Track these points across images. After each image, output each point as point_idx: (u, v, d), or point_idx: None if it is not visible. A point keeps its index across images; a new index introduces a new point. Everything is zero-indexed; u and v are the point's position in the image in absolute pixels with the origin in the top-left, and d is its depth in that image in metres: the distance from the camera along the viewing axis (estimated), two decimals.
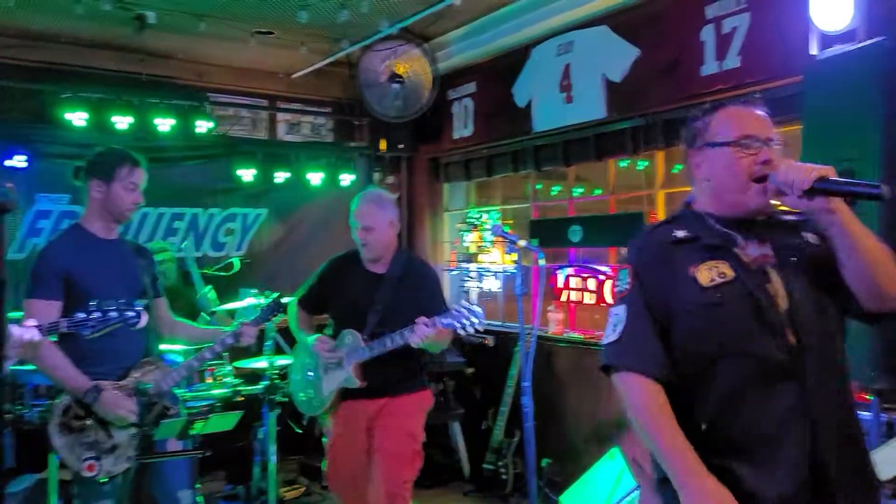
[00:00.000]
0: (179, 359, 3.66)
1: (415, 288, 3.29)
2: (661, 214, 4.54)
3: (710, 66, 3.88)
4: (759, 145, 1.73)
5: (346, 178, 6.14)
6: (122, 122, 5.07)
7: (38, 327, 2.21)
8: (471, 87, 5.81)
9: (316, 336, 3.40)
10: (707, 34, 3.88)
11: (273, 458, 4.05)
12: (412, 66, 5.58)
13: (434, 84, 5.64)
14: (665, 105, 4.20)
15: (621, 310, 1.77)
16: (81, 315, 2.32)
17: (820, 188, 1.62)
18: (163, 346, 3.26)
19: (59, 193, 5.04)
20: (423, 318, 3.05)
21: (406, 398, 3.31)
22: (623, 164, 4.91)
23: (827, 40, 2.84)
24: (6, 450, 3.88)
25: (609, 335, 1.78)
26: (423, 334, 3.03)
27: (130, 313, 2.40)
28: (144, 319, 2.45)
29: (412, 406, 3.33)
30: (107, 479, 2.78)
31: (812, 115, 2.71)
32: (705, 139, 1.79)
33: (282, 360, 4.23)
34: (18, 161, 4.79)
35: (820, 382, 1.68)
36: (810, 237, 1.79)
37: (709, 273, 1.71)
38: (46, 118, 5.02)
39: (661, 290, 1.74)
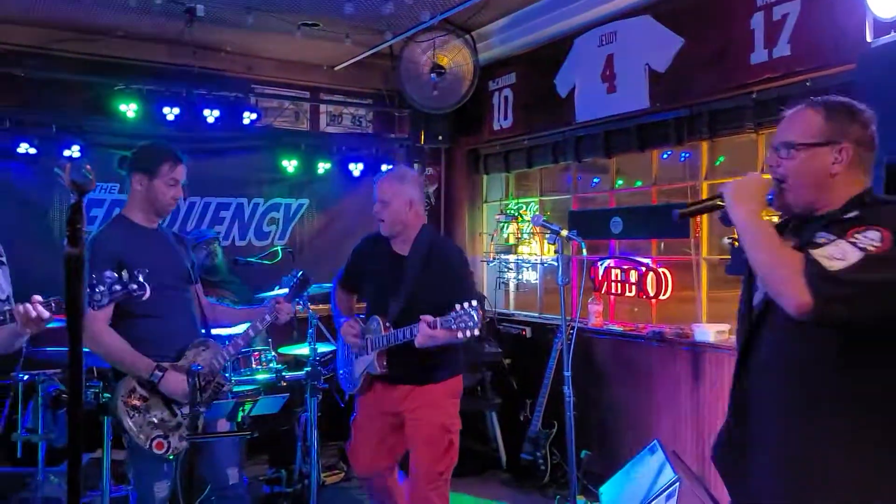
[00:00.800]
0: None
1: (439, 272, 3.18)
2: None
3: (759, 55, 3.83)
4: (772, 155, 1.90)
5: (387, 169, 6.19)
6: (170, 113, 5.19)
7: (46, 304, 2.24)
8: (511, 78, 5.81)
9: (345, 320, 3.43)
10: (757, 21, 3.83)
11: (315, 443, 4.12)
12: (453, 57, 5.60)
13: (474, 75, 5.66)
14: (711, 95, 4.16)
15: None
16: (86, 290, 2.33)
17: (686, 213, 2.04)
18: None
19: (111, 182, 5.19)
20: (427, 318, 2.93)
21: (433, 388, 3.23)
22: (665, 155, 4.88)
23: (882, 27, 2.79)
24: (62, 429, 4.03)
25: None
26: (426, 334, 2.93)
27: (133, 285, 2.42)
28: (148, 292, 2.47)
29: (440, 395, 3.23)
30: (173, 456, 2.88)
31: (865, 104, 2.66)
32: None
33: (323, 348, 4.30)
34: (73, 151, 4.94)
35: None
36: (821, 235, 1.77)
37: None
38: (100, 109, 5.16)
39: None
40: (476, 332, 2.89)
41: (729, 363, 4.07)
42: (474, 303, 2.88)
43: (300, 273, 3.37)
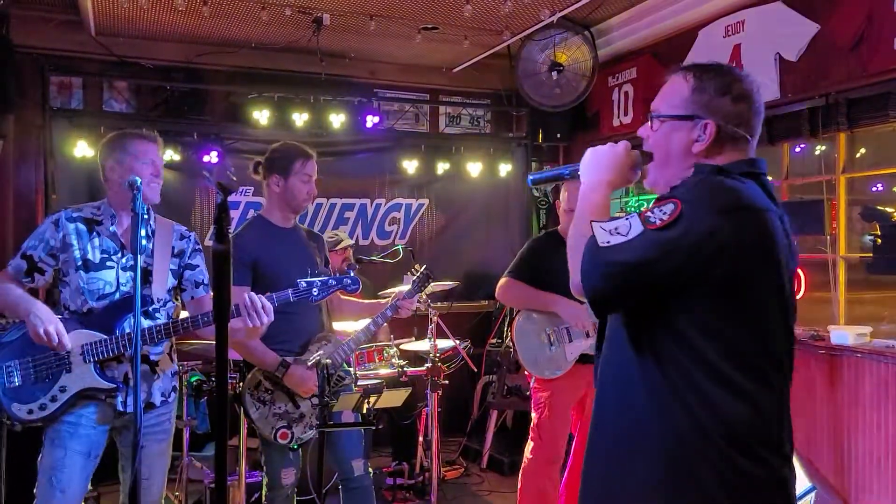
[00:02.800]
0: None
1: None
2: (841, 202, 4.23)
3: None
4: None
5: (504, 169, 6.23)
6: (299, 119, 5.45)
7: (270, 298, 2.55)
8: (632, 73, 5.67)
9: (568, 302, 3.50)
10: None
11: (435, 438, 4.21)
12: (572, 54, 5.55)
13: (593, 72, 5.58)
14: (848, 84, 3.90)
15: None
16: (303, 284, 2.67)
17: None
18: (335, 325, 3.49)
19: (245, 186, 5.52)
20: None
21: None
22: (797, 148, 4.62)
23: None
24: (203, 417, 4.33)
25: None
26: None
27: (347, 280, 2.76)
28: (359, 286, 2.78)
29: None
30: (297, 447, 3.04)
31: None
32: None
33: (442, 343, 4.38)
34: (212, 157, 5.30)
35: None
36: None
37: None
38: (236, 117, 5.50)
39: None
40: None
41: (869, 369, 3.81)
42: None
43: (424, 268, 3.46)
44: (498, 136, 6.54)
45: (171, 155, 5.25)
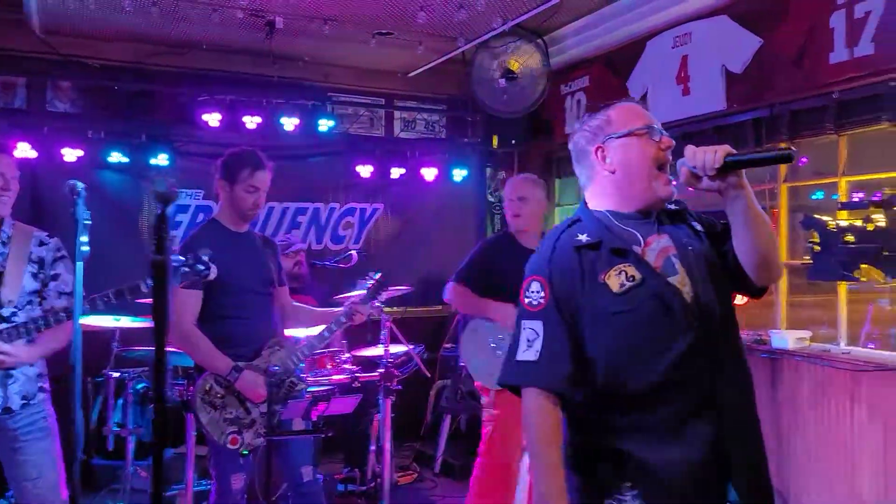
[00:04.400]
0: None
1: None
2: (783, 210, 4.36)
3: (839, 54, 3.69)
4: (659, 134, 1.81)
5: (459, 174, 6.26)
6: (251, 122, 5.40)
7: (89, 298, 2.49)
8: (584, 81, 5.77)
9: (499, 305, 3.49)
10: (837, 20, 3.69)
11: (388, 444, 4.20)
12: (525, 61, 5.61)
13: (546, 79, 5.65)
14: (790, 95, 4.03)
15: (538, 325, 1.75)
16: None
17: (733, 162, 1.68)
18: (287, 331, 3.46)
19: (196, 189, 5.44)
20: None
21: None
22: None
23: None
24: (148, 425, 4.25)
25: (524, 352, 1.76)
26: None
27: (200, 266, 2.60)
28: (214, 272, 2.62)
29: None
30: (247, 452, 3.01)
31: None
32: (608, 133, 1.83)
33: (396, 348, 4.38)
34: (161, 159, 5.21)
35: (731, 368, 1.73)
36: (695, 224, 1.85)
37: (618, 278, 1.72)
38: (186, 119, 5.42)
39: (573, 298, 1.74)
40: None
41: (807, 371, 3.94)
42: None
43: (377, 274, 3.45)
44: (453, 141, 6.57)
45: (118, 157, 5.15)
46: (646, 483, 1.67)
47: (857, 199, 3.68)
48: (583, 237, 1.79)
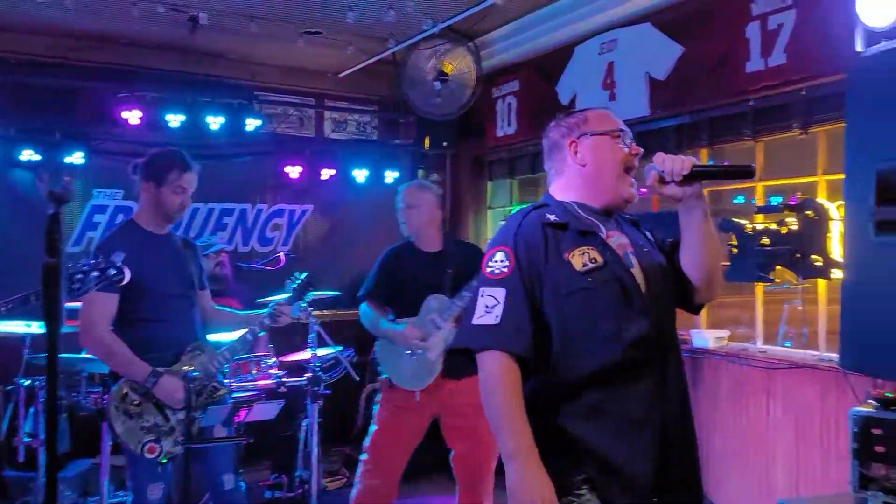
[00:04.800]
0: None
1: (474, 257, 3.37)
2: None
3: (755, 63, 3.83)
4: (630, 140, 1.92)
5: (391, 176, 6.23)
6: (174, 120, 5.24)
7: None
8: (514, 86, 5.82)
9: (404, 325, 3.49)
10: (752, 31, 3.83)
11: (315, 449, 4.14)
12: (457, 64, 5.63)
13: (477, 82, 5.68)
14: (710, 102, 4.16)
15: (499, 293, 1.78)
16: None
17: (699, 172, 1.78)
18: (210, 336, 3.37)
19: (115, 189, 5.25)
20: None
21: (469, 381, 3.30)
22: None
23: (872, 37, 2.78)
24: (62, 434, 4.07)
25: (482, 317, 1.78)
26: None
27: (112, 270, 2.43)
28: (128, 275, 2.48)
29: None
30: (167, 460, 2.90)
31: (855, 114, 2.67)
32: (584, 130, 1.93)
33: (324, 353, 4.32)
34: (77, 157, 5.01)
35: (676, 366, 1.84)
36: (648, 234, 1.97)
37: (581, 258, 1.79)
38: (104, 117, 5.22)
39: (538, 271, 1.80)
40: None
41: (726, 370, 4.07)
42: None
43: (303, 275, 3.40)
44: (385, 142, 6.53)
45: (29, 155, 4.93)
46: (600, 473, 1.72)
47: (772, 204, 3.83)
48: (552, 216, 1.86)
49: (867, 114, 2.60)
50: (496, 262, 1.82)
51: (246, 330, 3.20)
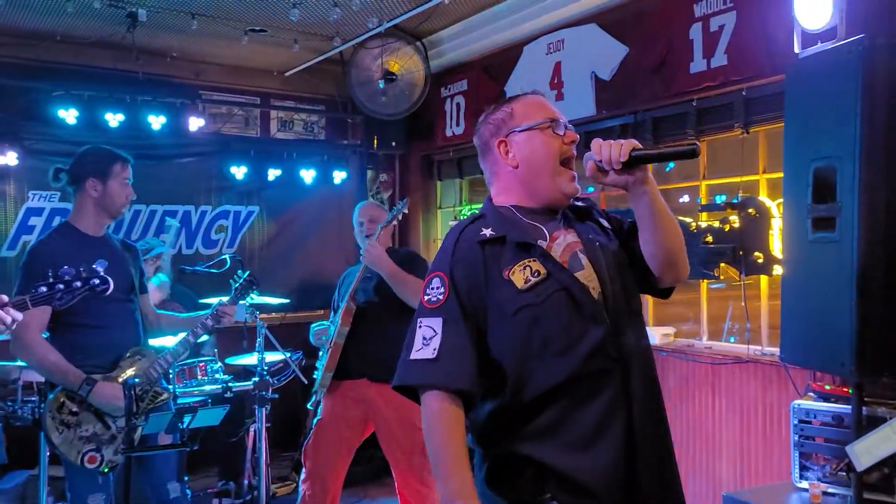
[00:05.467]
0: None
1: (408, 261, 3.50)
2: None
3: (698, 64, 3.90)
4: (563, 128, 1.77)
5: (339, 176, 6.16)
6: (113, 119, 5.08)
7: (7, 305, 2.17)
8: (462, 85, 5.83)
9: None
10: (695, 32, 3.90)
11: (264, 454, 4.07)
12: (404, 63, 5.60)
13: (426, 82, 5.66)
14: (654, 103, 4.23)
15: (436, 322, 1.66)
16: (43, 289, 2.25)
17: (638, 157, 1.62)
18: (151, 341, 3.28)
19: (51, 191, 5.07)
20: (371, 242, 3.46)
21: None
22: None
23: (809, 38, 2.86)
24: (2, 446, 3.92)
25: (419, 351, 1.66)
26: (370, 251, 3.41)
27: (96, 280, 2.35)
28: (111, 286, 2.41)
29: None
30: (108, 469, 2.81)
31: (794, 113, 2.73)
32: (511, 127, 1.79)
33: (272, 357, 4.25)
34: (11, 158, 4.82)
35: (641, 368, 1.70)
36: (603, 221, 1.85)
37: (523, 274, 1.67)
38: (38, 116, 5.03)
39: (477, 294, 1.68)
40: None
41: (672, 365, 4.14)
42: None
43: (245, 274, 3.36)
44: (332, 142, 6.46)
45: None
46: (565, 492, 1.61)
47: (716, 202, 3.91)
48: (487, 231, 1.72)
49: (804, 113, 2.66)
50: (433, 289, 1.70)
51: (188, 332, 3.13)
